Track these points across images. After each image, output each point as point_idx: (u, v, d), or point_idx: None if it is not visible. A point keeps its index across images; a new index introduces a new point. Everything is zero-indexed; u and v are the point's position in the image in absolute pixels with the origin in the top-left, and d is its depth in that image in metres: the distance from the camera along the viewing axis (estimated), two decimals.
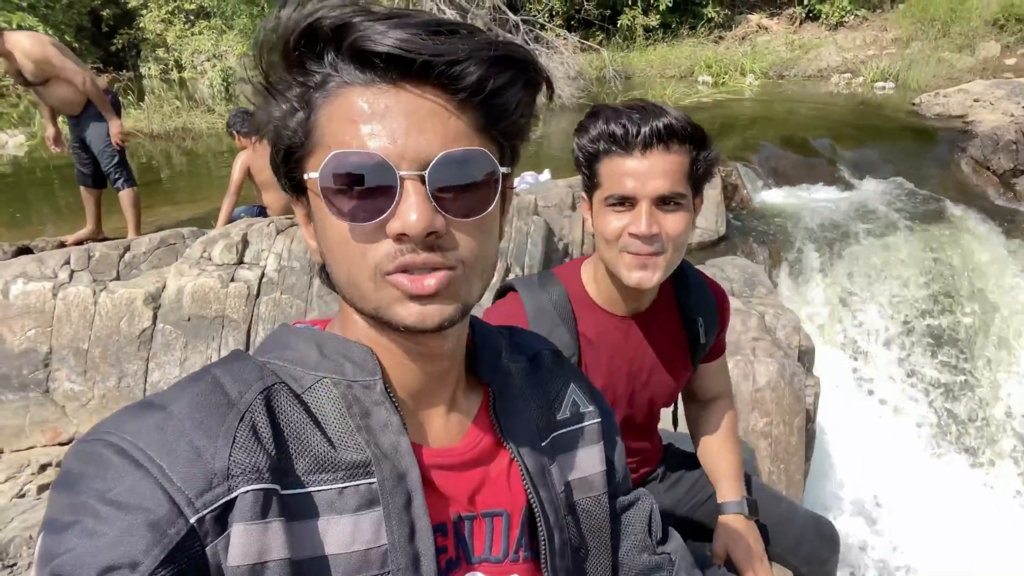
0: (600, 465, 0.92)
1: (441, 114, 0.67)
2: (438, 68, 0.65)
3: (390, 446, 0.72)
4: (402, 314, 0.69)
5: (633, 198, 1.33)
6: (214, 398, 0.66)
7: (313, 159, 0.69)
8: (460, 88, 0.67)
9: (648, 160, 1.32)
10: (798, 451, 3.67)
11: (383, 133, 0.65)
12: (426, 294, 0.68)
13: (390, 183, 0.65)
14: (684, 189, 1.34)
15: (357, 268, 0.69)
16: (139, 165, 8.44)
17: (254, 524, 0.62)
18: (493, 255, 0.75)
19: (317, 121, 0.68)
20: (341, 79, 0.67)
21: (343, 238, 0.68)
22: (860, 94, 10.55)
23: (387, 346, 0.76)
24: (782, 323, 4.17)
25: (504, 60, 0.68)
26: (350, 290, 0.71)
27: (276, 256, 3.68)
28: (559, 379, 0.94)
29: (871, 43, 13.10)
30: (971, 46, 11.74)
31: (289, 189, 0.75)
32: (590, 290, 1.54)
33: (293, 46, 0.67)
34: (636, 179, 1.32)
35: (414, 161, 0.66)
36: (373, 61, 0.65)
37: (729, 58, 12.98)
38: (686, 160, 1.34)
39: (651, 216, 1.32)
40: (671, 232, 1.34)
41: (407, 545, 0.70)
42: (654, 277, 1.36)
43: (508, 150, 0.75)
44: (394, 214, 0.66)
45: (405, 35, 0.63)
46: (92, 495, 0.59)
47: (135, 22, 16.78)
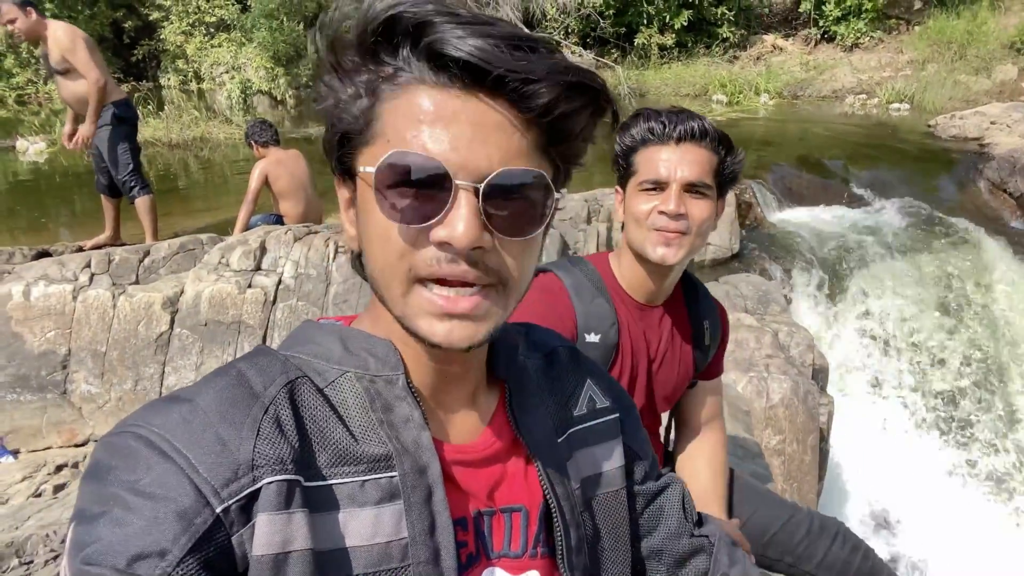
0: (618, 460, 0.92)
1: (506, 128, 0.66)
2: (513, 84, 0.65)
3: (411, 441, 0.73)
4: (427, 330, 0.69)
5: (665, 182, 1.48)
6: (239, 391, 0.67)
7: (371, 150, 0.69)
8: (530, 106, 0.66)
9: (680, 151, 1.47)
10: (811, 470, 3.65)
11: (446, 139, 0.65)
12: (458, 313, 0.68)
13: (445, 190, 0.65)
14: (710, 181, 1.49)
15: (391, 267, 0.69)
16: (157, 174, 8.54)
17: (278, 514, 0.63)
18: (530, 278, 0.75)
19: (381, 113, 0.68)
20: (412, 75, 0.66)
21: (386, 234, 0.68)
22: (875, 115, 10.55)
23: (412, 344, 0.75)
24: (796, 341, 4.16)
25: (578, 86, 0.67)
26: (383, 288, 0.72)
27: (293, 263, 3.70)
28: (576, 375, 0.94)
29: (886, 65, 13.10)
30: (988, 69, 11.72)
31: (337, 172, 0.75)
32: (616, 274, 1.64)
33: (371, 35, 0.66)
34: (668, 166, 1.47)
35: (472, 172, 0.65)
36: (448, 64, 0.64)
37: (744, 78, 13.02)
38: (715, 158, 1.50)
39: (680, 198, 1.46)
40: (696, 216, 1.48)
41: (428, 539, 0.70)
42: (678, 254, 1.49)
43: (563, 172, 0.75)
44: (442, 222, 0.65)
45: (485, 45, 0.63)
46: (121, 486, 0.60)
47: (156, 34, 17.01)
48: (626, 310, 1.61)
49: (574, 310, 1.54)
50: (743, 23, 16.00)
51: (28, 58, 15.44)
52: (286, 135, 10.68)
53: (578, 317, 1.54)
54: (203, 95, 15.40)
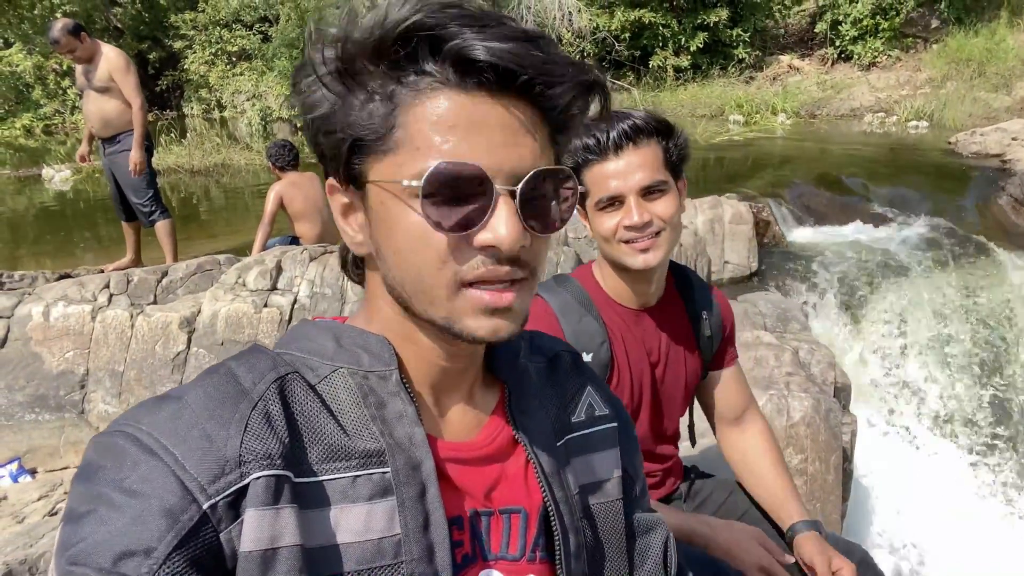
0: (615, 471, 0.90)
1: (530, 128, 0.68)
2: (539, 86, 0.66)
3: (404, 436, 0.72)
4: (474, 326, 0.69)
5: (620, 195, 1.44)
6: (228, 388, 0.67)
7: (394, 158, 0.67)
8: (551, 107, 0.68)
9: (623, 159, 1.43)
10: (835, 490, 3.57)
11: (482, 144, 0.65)
12: (503, 306, 0.69)
13: (485, 195, 0.66)
14: (663, 176, 1.45)
15: (432, 275, 0.68)
16: (179, 199, 8.68)
17: (266, 510, 0.62)
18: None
19: (404, 120, 0.66)
20: (435, 80, 0.65)
21: (423, 242, 0.68)
22: (894, 133, 10.49)
23: (413, 340, 0.76)
24: (816, 359, 4.09)
25: (592, 86, 0.70)
26: (415, 294, 0.71)
27: (309, 283, 3.72)
28: (576, 381, 0.93)
29: (905, 83, 13.05)
30: (1007, 86, 11.64)
31: (340, 178, 0.73)
32: (603, 286, 1.61)
33: (391, 42, 0.65)
34: (617, 178, 1.43)
35: (508, 175, 0.66)
36: (473, 68, 0.64)
37: (760, 97, 13.02)
38: (658, 150, 1.46)
39: (640, 207, 1.44)
40: (662, 213, 1.45)
41: (421, 535, 0.69)
42: (658, 255, 1.46)
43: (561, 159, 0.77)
44: (485, 227, 0.66)
45: (513, 47, 0.63)
46: (108, 484, 0.60)
47: (180, 64, 17.40)
48: (619, 320, 1.59)
49: (563, 333, 1.51)
50: (759, 44, 16.04)
51: (55, 89, 15.84)
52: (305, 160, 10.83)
53: (567, 338, 1.51)
54: (225, 123, 15.68)
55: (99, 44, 4.90)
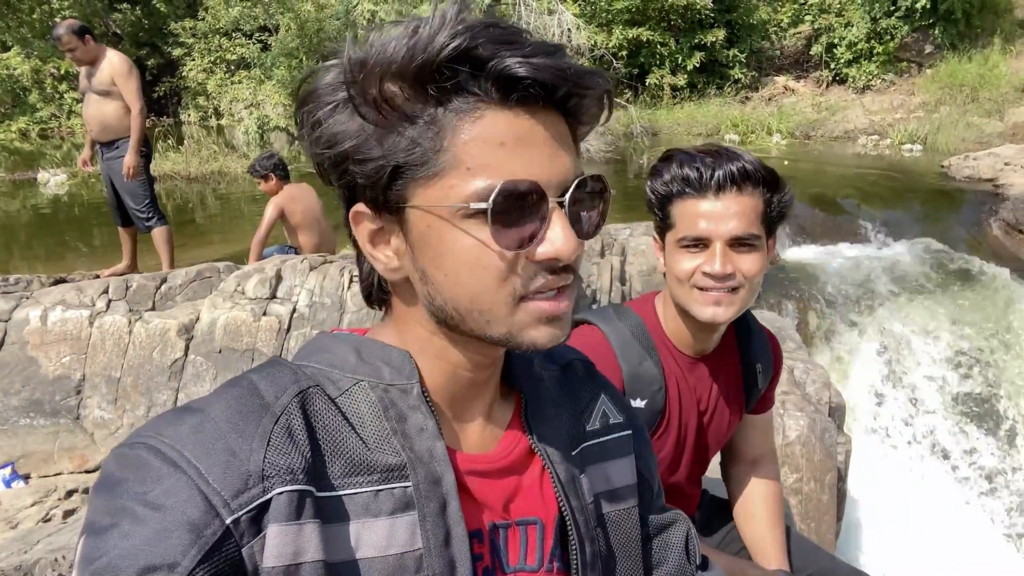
0: (630, 478, 0.91)
1: (566, 139, 0.70)
2: (573, 101, 0.68)
3: (425, 451, 0.72)
4: (536, 336, 0.70)
5: (707, 239, 1.35)
6: (250, 401, 0.67)
7: (444, 181, 0.67)
8: (582, 119, 0.71)
9: (722, 202, 1.34)
10: (829, 509, 3.57)
11: (533, 159, 0.66)
12: (561, 314, 0.70)
13: (539, 209, 0.67)
14: (758, 230, 1.35)
15: (491, 293, 0.69)
16: (175, 205, 8.66)
17: (289, 525, 0.63)
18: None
19: (450, 142, 0.66)
20: (478, 100, 0.66)
21: (479, 263, 0.68)
22: (888, 156, 10.59)
23: (443, 356, 0.76)
24: (812, 378, 4.11)
25: (609, 95, 0.72)
26: (470, 315, 0.70)
27: (308, 292, 3.72)
28: (590, 389, 0.94)
29: (898, 106, 13.19)
30: (1000, 111, 11.78)
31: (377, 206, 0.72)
32: (664, 326, 1.53)
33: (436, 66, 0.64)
34: (710, 220, 1.34)
35: (557, 187, 0.68)
36: (515, 85, 0.65)
37: (755, 118, 13.14)
38: (759, 202, 1.36)
39: (725, 256, 1.34)
40: (746, 272, 1.35)
41: (443, 550, 0.70)
42: (729, 312, 1.36)
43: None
44: (544, 240, 0.67)
45: (549, 62, 0.65)
46: (130, 497, 0.60)
47: (178, 71, 17.41)
48: (675, 365, 1.51)
49: (621, 372, 1.43)
50: (755, 65, 16.19)
51: (52, 93, 15.82)
52: (302, 170, 10.82)
53: (625, 380, 1.43)
54: (222, 131, 15.68)
55: (104, 48, 4.91)
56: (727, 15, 15.64)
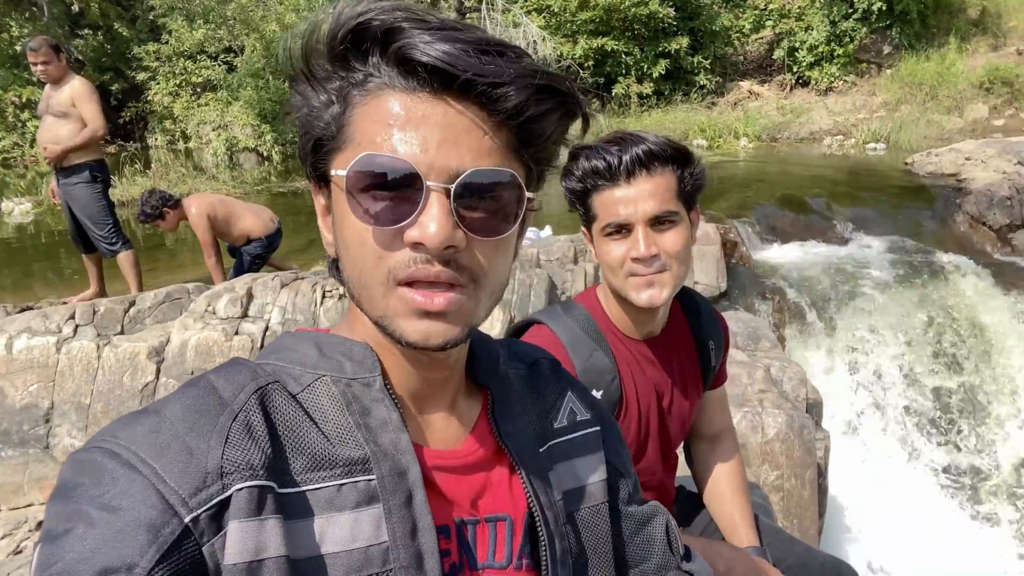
0: (600, 475, 0.90)
1: (476, 131, 0.67)
2: (480, 87, 0.66)
3: (390, 443, 0.71)
4: (407, 329, 0.69)
5: (628, 223, 1.38)
6: (207, 400, 0.66)
7: (343, 155, 0.69)
8: (499, 109, 0.67)
9: (634, 186, 1.37)
10: (811, 505, 3.60)
11: (416, 141, 0.66)
12: (435, 311, 0.68)
13: (416, 191, 0.66)
14: (675, 206, 1.39)
15: (369, 271, 0.69)
16: (143, 230, 8.53)
17: (250, 521, 0.62)
18: (506, 276, 0.76)
19: (352, 118, 0.69)
20: (382, 80, 0.67)
21: (361, 238, 0.68)
22: (853, 155, 10.78)
23: (391, 348, 0.75)
24: (788, 376, 4.15)
25: (547, 89, 0.68)
26: (360, 291, 0.71)
27: (280, 309, 3.68)
28: (557, 387, 0.93)
29: (861, 107, 13.44)
30: (959, 108, 12.06)
31: (312, 179, 0.76)
32: (608, 315, 1.56)
33: (340, 41, 0.67)
34: (627, 205, 1.37)
35: (443, 173, 0.66)
36: (417, 69, 0.65)
37: (722, 122, 13.30)
38: (672, 179, 1.40)
39: (648, 238, 1.38)
40: (670, 248, 1.39)
41: (409, 542, 0.69)
42: (663, 294, 1.40)
43: (535, 174, 0.76)
44: (414, 223, 0.66)
45: (452, 49, 0.64)
46: (86, 501, 0.59)
47: (143, 96, 17.23)
48: (627, 353, 1.54)
49: (573, 366, 1.45)
50: (719, 71, 16.41)
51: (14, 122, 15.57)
52: (273, 190, 10.78)
53: (578, 374, 1.44)
54: (190, 154, 15.53)
55: (70, 72, 4.88)
56: (690, 23, 15.86)
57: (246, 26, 14.79)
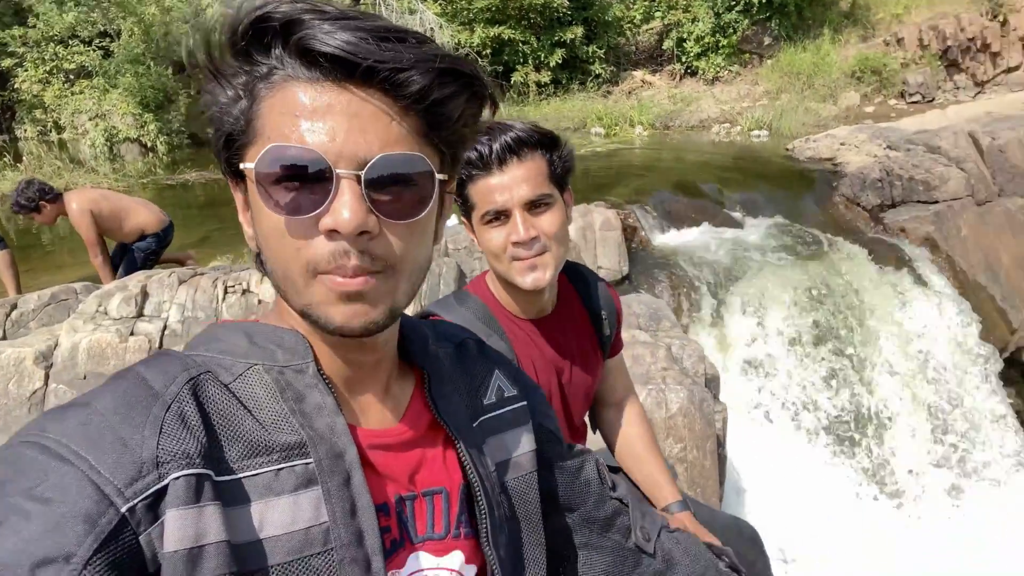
0: (528, 446, 0.95)
1: (383, 117, 0.68)
2: (382, 73, 0.66)
3: (325, 427, 0.73)
4: (331, 315, 0.70)
5: (505, 210, 1.44)
6: (138, 392, 0.66)
7: (253, 149, 0.70)
8: (404, 94, 0.68)
9: (507, 173, 1.42)
10: (712, 474, 3.79)
11: (323, 130, 0.67)
12: (354, 291, 0.69)
13: (326, 180, 0.67)
14: (548, 189, 1.46)
15: (290, 263, 0.70)
16: (17, 229, 7.95)
17: (188, 508, 0.62)
18: (426, 258, 0.77)
19: (259, 111, 0.69)
20: (286, 73, 0.68)
21: (278, 230, 0.69)
22: (739, 142, 11.29)
23: (321, 335, 0.76)
24: (687, 353, 4.34)
25: (450, 72, 0.70)
26: (282, 282, 0.72)
27: (179, 307, 3.54)
28: (484, 366, 0.97)
29: (745, 96, 14.10)
30: (833, 96, 12.85)
31: (228, 175, 0.75)
32: (499, 299, 1.61)
33: (241, 35, 0.67)
34: (502, 192, 1.42)
35: (352, 160, 0.67)
36: (319, 59, 0.66)
37: (618, 111, 13.63)
38: (543, 163, 1.46)
39: (526, 221, 1.43)
40: (548, 230, 1.45)
41: (349, 521, 0.70)
42: (546, 275, 1.46)
43: (448, 157, 0.77)
44: (327, 210, 0.67)
45: (352, 38, 0.65)
46: (18, 495, 0.58)
47: (9, 83, 15.94)
48: (522, 335, 1.59)
49: None
50: (613, 60, 16.80)
51: None
52: (160, 183, 10.24)
53: None
54: (65, 145, 14.52)
55: None
56: (583, 12, 16.13)
57: (122, 8, 13.95)
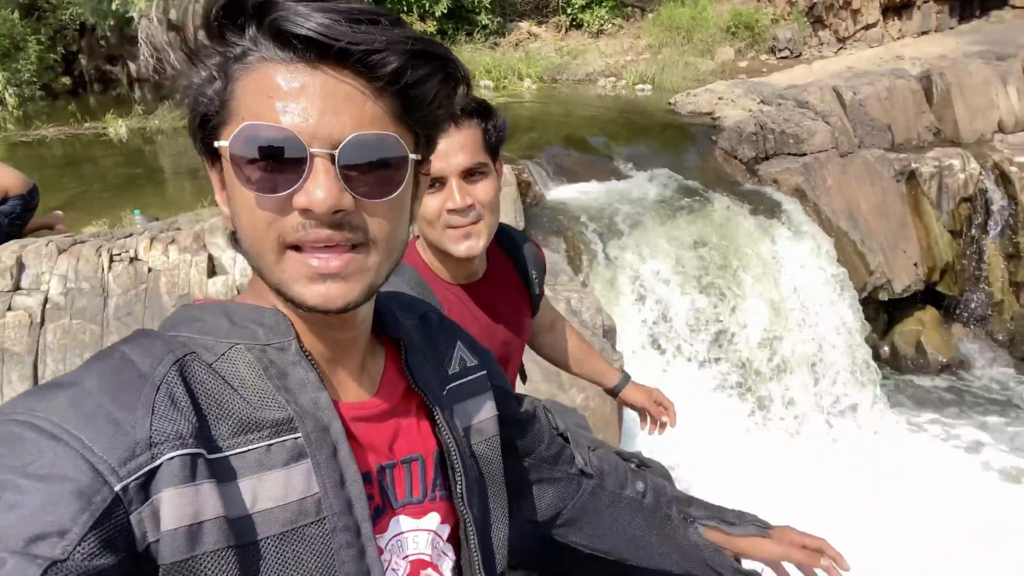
0: (489, 411, 1.01)
1: (357, 98, 0.70)
2: (356, 55, 0.68)
3: (310, 402, 0.75)
4: (305, 294, 0.72)
5: (442, 177, 1.45)
6: (126, 373, 0.67)
7: (227, 129, 0.70)
8: (377, 76, 0.70)
9: (445, 140, 1.42)
10: (612, 420, 4.00)
11: (297, 110, 0.68)
12: (330, 273, 0.71)
13: (300, 159, 0.68)
14: (484, 158, 1.48)
15: (261, 239, 0.71)
16: None
17: (185, 487, 0.64)
18: (401, 238, 0.79)
19: (233, 92, 0.70)
20: (260, 54, 0.69)
21: (250, 207, 0.71)
22: (624, 96, 11.53)
23: (299, 312, 0.78)
24: (585, 306, 4.50)
25: (422, 54, 0.71)
26: (255, 260, 0.74)
27: (60, 278, 3.31)
28: (447, 337, 1.02)
29: (628, 49, 14.35)
30: (711, 51, 13.30)
31: (204, 155, 0.76)
32: (431, 266, 1.63)
33: (215, 17, 0.68)
34: (438, 159, 1.41)
35: (326, 140, 0.68)
36: (292, 40, 0.67)
37: (506, 63, 13.56)
38: (478, 132, 1.49)
39: (462, 189, 1.45)
40: (483, 199, 1.48)
41: (339, 491, 0.74)
42: (479, 243, 1.50)
43: (423, 138, 0.79)
44: (301, 189, 0.69)
45: (326, 20, 0.66)
46: (10, 471, 0.59)
47: None
48: (455, 300, 1.62)
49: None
50: (499, 11, 16.62)
51: None
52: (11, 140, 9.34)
53: None
54: None
55: None
56: None
57: None
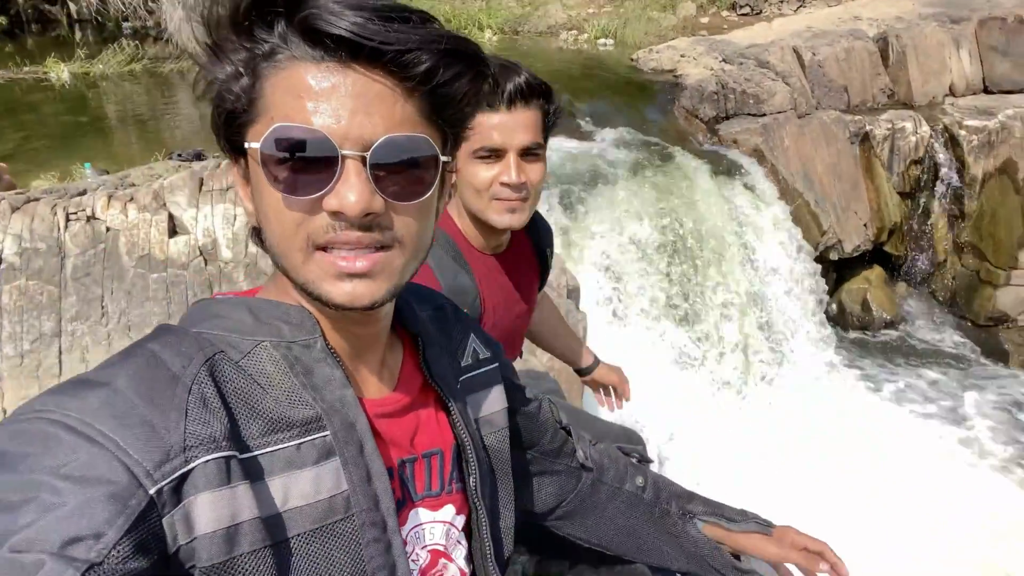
0: (500, 404, 1.03)
1: (389, 98, 0.69)
2: (388, 54, 0.67)
3: (337, 399, 0.76)
4: (332, 292, 0.72)
5: (501, 150, 1.46)
6: (157, 372, 0.67)
7: (256, 127, 0.70)
8: (409, 75, 0.69)
9: (512, 116, 1.45)
10: (575, 380, 4.07)
11: (328, 111, 0.67)
12: (357, 273, 0.71)
13: (331, 161, 0.67)
14: (541, 140, 1.50)
15: (289, 239, 0.71)
16: None
17: (221, 490, 0.65)
18: (428, 238, 0.79)
19: (263, 90, 0.69)
20: (290, 52, 0.68)
21: (278, 207, 0.70)
22: (586, 50, 11.41)
23: (322, 309, 0.78)
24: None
25: (454, 53, 0.71)
26: (282, 259, 0.73)
27: (15, 238, 3.20)
28: (460, 329, 1.03)
29: (591, 2, 14.16)
30: (673, 6, 13.20)
31: (228, 151, 0.75)
32: (465, 234, 1.64)
33: (244, 13, 0.67)
34: (502, 133, 1.44)
35: (357, 141, 0.68)
36: (325, 39, 0.66)
37: (466, 12, 13.27)
38: (540, 114, 1.49)
39: (519, 166, 1.46)
40: (534, 180, 1.50)
41: (366, 487, 0.76)
42: (522, 218, 1.52)
43: (451, 137, 0.79)
44: (332, 191, 0.68)
45: (358, 19, 0.65)
46: (44, 471, 0.58)
47: None
48: (483, 267, 1.64)
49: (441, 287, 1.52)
50: None
51: None
52: None
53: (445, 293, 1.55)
54: None
55: None
56: None
57: None
